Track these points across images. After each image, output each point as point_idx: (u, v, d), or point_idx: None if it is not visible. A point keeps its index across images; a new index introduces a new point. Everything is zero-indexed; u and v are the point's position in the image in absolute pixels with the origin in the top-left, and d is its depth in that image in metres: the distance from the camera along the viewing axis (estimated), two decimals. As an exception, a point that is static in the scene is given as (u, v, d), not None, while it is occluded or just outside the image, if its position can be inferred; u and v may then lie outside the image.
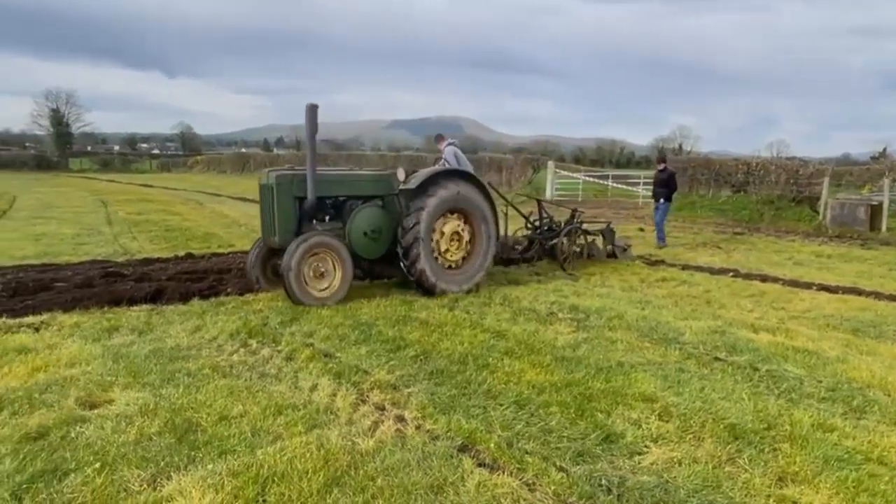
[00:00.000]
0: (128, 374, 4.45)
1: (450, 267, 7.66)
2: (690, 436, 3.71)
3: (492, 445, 3.46)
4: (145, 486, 3.01)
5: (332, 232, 7.09)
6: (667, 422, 3.90)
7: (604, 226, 10.58)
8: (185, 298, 6.87)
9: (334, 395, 4.21)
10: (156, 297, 6.87)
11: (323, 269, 6.81)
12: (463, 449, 3.46)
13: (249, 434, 3.55)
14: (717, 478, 3.23)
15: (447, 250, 7.61)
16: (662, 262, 10.54)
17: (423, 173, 7.44)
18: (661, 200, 12.24)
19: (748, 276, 9.31)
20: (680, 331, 5.99)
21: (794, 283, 8.83)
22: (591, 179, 26.70)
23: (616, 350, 5.35)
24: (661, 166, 12.53)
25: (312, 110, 6.73)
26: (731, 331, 6.04)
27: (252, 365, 4.82)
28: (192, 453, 3.32)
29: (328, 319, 6.05)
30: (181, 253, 10.32)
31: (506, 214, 9.32)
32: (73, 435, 3.51)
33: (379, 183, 7.53)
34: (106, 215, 16.46)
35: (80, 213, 16.70)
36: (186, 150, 78.50)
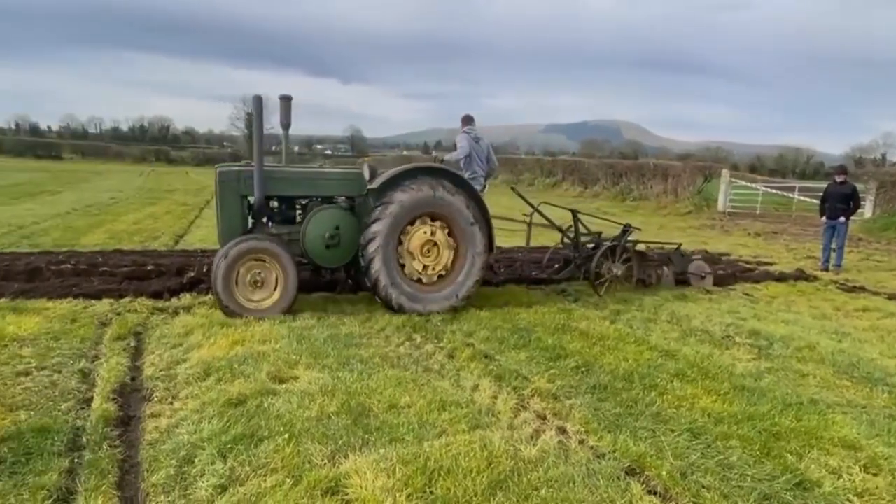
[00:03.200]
0: (309, 355, 4.87)
1: (426, 282, 6.58)
2: (907, 497, 3.17)
3: (663, 473, 3.23)
4: (326, 461, 3.26)
5: (279, 236, 6.34)
6: (875, 475, 3.37)
7: (672, 248, 8.68)
8: (353, 290, 7.35)
9: (495, 397, 4.24)
10: (331, 287, 7.47)
11: (260, 278, 6.05)
12: (631, 472, 3.29)
13: (416, 425, 3.69)
14: (947, 553, 2.72)
15: (421, 264, 6.53)
16: (862, 288, 9.18)
17: (388, 172, 6.40)
18: (842, 219, 10.79)
19: (979, 314, 7.76)
20: (888, 371, 5.16)
21: None
22: (773, 191, 24.08)
23: (807, 385, 4.76)
24: (842, 178, 11.10)
25: (257, 102, 6.30)
26: (959, 378, 5.08)
27: (417, 359, 5.02)
28: (366, 436, 3.53)
29: (487, 321, 6.12)
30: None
31: (529, 225, 7.90)
32: (265, 405, 3.91)
33: (347, 182, 6.65)
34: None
35: (268, 206, 18.72)
36: (355, 152, 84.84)
